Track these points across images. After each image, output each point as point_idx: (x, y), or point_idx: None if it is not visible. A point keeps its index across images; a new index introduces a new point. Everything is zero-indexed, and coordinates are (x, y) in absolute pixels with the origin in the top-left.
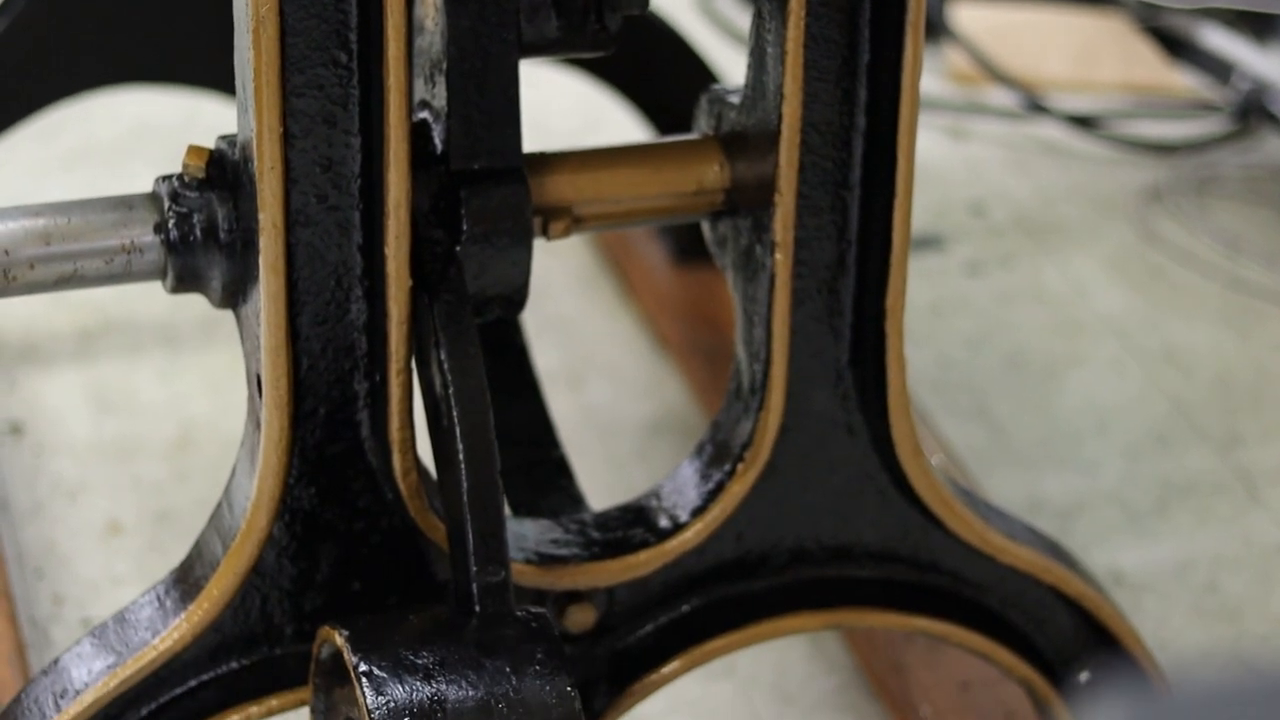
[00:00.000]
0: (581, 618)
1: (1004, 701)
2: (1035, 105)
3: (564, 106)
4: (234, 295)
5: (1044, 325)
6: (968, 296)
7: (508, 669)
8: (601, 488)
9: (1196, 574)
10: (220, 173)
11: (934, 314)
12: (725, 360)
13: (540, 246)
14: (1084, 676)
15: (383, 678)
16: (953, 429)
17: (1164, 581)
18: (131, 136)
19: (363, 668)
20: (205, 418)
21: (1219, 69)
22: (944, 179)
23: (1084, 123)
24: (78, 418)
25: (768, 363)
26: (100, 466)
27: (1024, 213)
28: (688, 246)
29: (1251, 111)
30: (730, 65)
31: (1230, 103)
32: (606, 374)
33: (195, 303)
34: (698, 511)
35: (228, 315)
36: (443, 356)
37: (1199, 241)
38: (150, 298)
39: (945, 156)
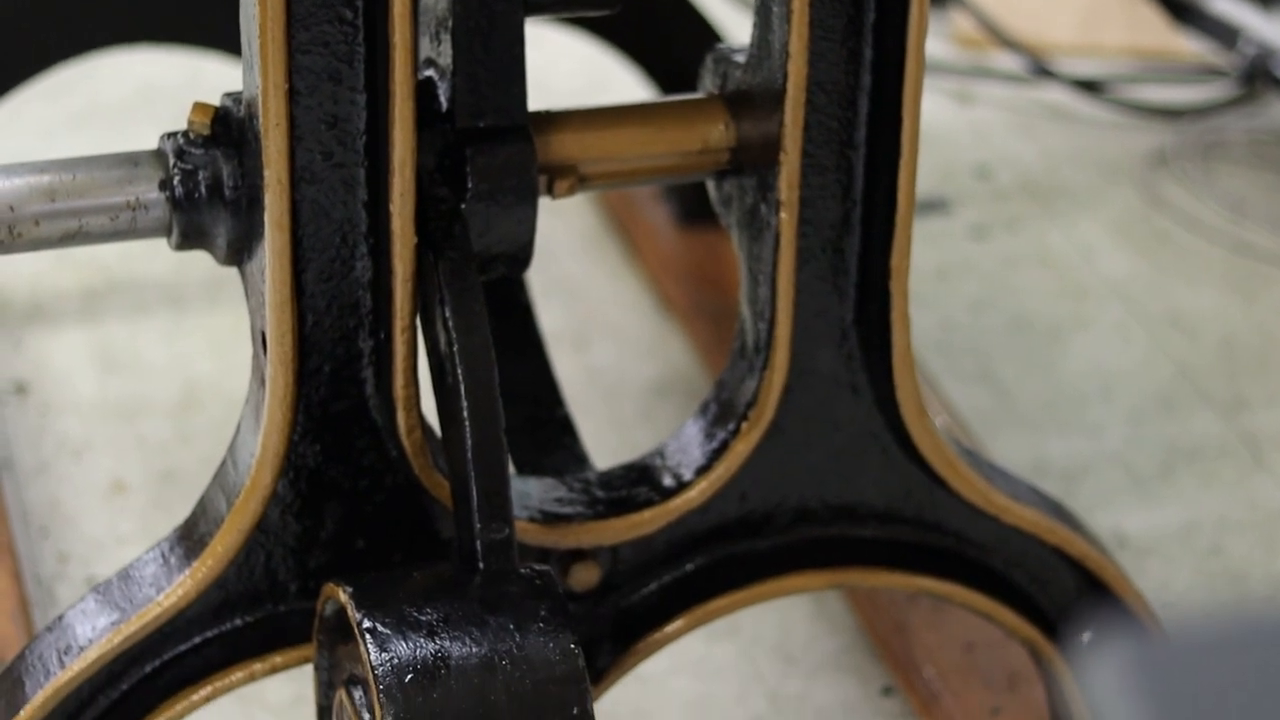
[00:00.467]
0: (585, 576)
1: (1007, 663)
2: (1041, 69)
3: (568, 68)
4: (239, 252)
5: (1049, 289)
6: (973, 260)
7: (511, 626)
8: (605, 448)
9: (1201, 537)
10: (225, 129)
11: (939, 277)
12: (729, 322)
13: (544, 208)
14: (1087, 637)
15: (386, 634)
16: (957, 392)
17: (1168, 545)
18: (137, 96)
19: (367, 624)
20: (210, 377)
21: (1225, 33)
22: (949, 143)
23: (1089, 87)
24: (83, 377)
25: (772, 322)
26: (105, 426)
27: (1029, 177)
28: (692, 208)
29: (1257, 76)
30: (734, 26)
31: (1236, 67)
32: (611, 335)
33: (200, 263)
34: (702, 470)
35: (232, 276)
36: (447, 314)
37: (1204, 206)
38: (155, 258)
39: (950, 120)
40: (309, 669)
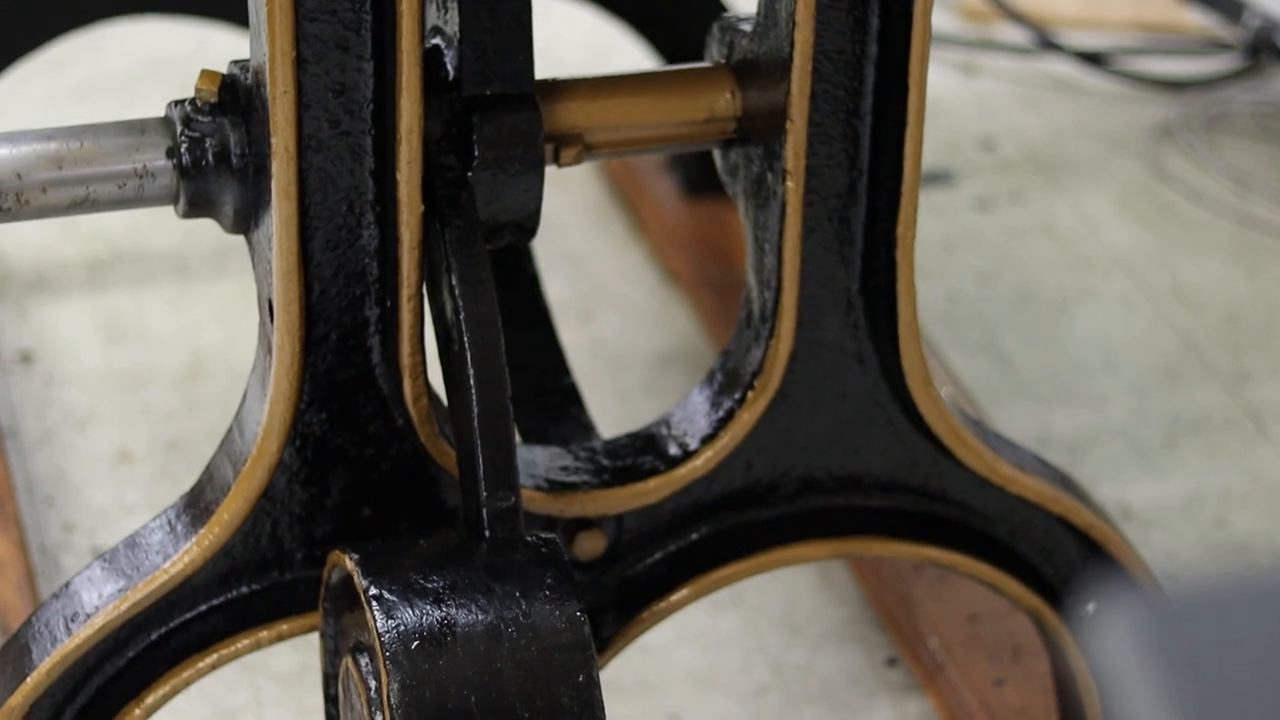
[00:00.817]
0: (591, 545)
1: (1011, 634)
2: (1046, 42)
3: (574, 40)
4: (246, 220)
5: (1053, 261)
6: (978, 232)
7: (517, 593)
8: (610, 419)
9: (1205, 509)
10: (233, 97)
11: (944, 249)
12: (734, 293)
13: (550, 180)
14: (1091, 607)
15: (393, 601)
16: (962, 363)
17: (1172, 516)
18: (142, 67)
19: (373, 591)
20: (216, 348)
21: (1229, 6)
22: (954, 115)
23: (1094, 60)
24: (88, 347)
25: (778, 290)
26: (110, 396)
27: (1034, 149)
28: (697, 180)
29: (1262, 49)
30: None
31: (1241, 40)
32: (616, 307)
33: (205, 234)
34: (707, 439)
35: (238, 247)
36: (454, 282)
37: (1209, 178)
38: (161, 228)
39: (956, 92)
40: (314, 638)
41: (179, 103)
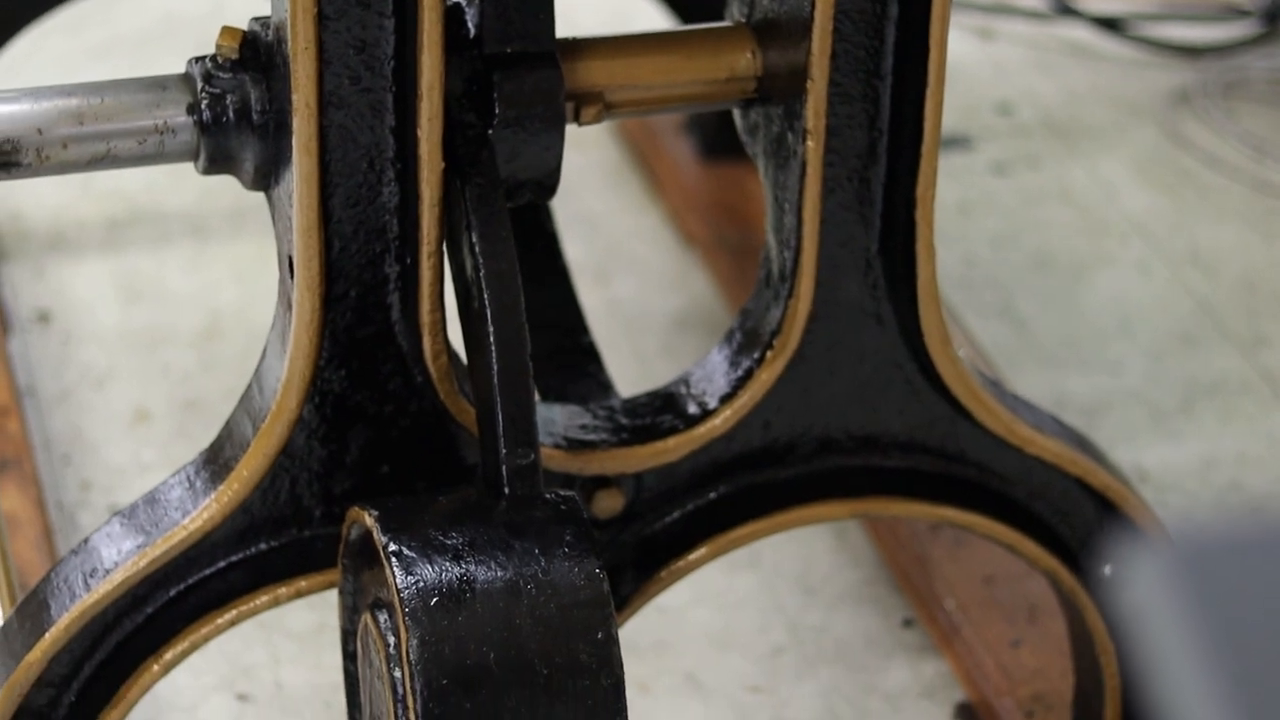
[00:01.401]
0: (609, 503)
1: (1028, 595)
2: (1063, 7)
3: (593, 1)
4: (266, 177)
5: (1070, 225)
6: (994, 196)
7: (536, 550)
8: (627, 381)
9: (1220, 473)
10: (253, 54)
11: (961, 213)
12: (751, 255)
13: (567, 143)
14: (1108, 569)
15: (412, 558)
16: (979, 327)
17: (1188, 480)
18: (158, 27)
19: (392, 547)
20: (233, 307)
21: None
22: (971, 79)
23: (1111, 25)
24: (106, 306)
25: (798, 250)
26: (128, 355)
27: (1051, 114)
28: (714, 143)
29: (1279, 16)
30: None
31: (1258, 6)
32: (633, 269)
33: (223, 194)
34: (726, 398)
35: (255, 208)
36: (474, 239)
37: (1225, 144)
38: (178, 188)
39: (973, 57)
40: (332, 596)
41: (200, 59)
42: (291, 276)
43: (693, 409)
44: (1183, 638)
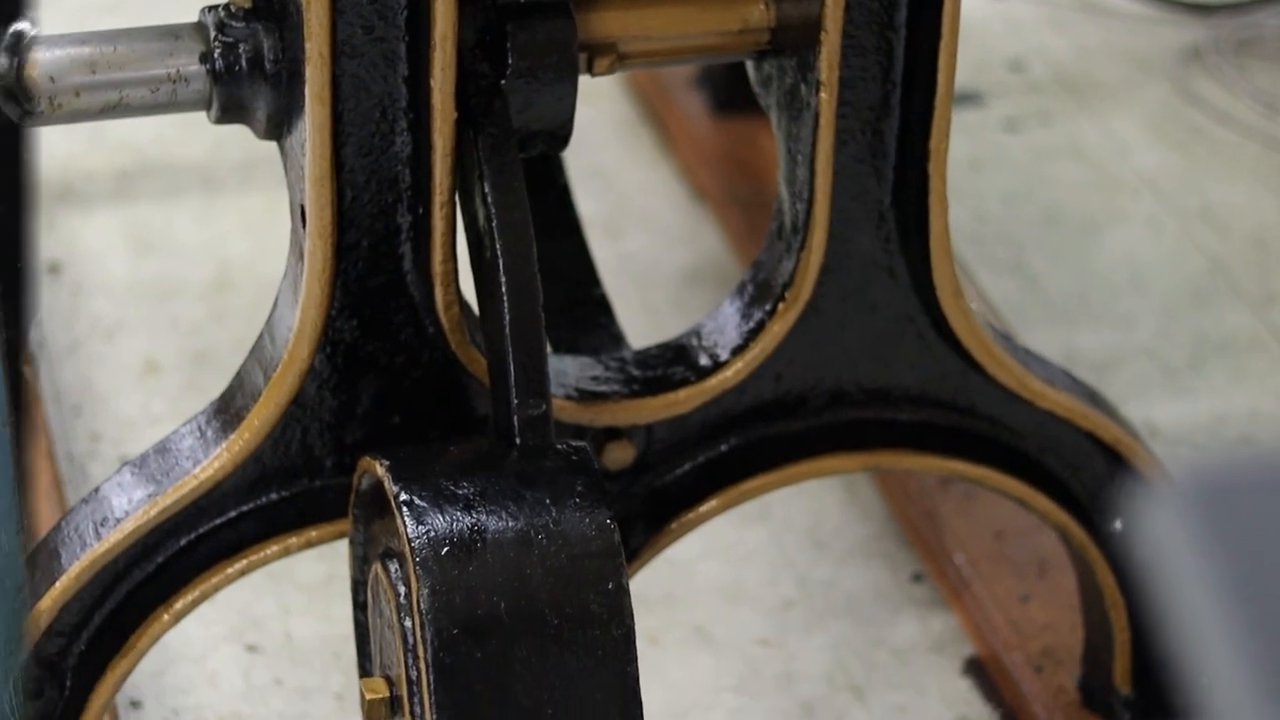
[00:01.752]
0: (620, 455)
1: (1037, 550)
2: None
3: None
4: (279, 126)
5: (1082, 182)
6: (1006, 152)
7: (547, 500)
8: (638, 335)
9: (1230, 429)
10: (267, 3)
11: (972, 169)
12: (762, 210)
13: (579, 96)
14: (1118, 525)
15: (423, 507)
16: (990, 282)
17: (1198, 436)
18: None
19: (403, 497)
20: (243, 259)
21: None
22: (984, 35)
23: None
24: (115, 258)
25: (810, 202)
26: (138, 306)
27: (1063, 70)
28: (726, 98)
29: None
30: None
31: None
32: (644, 224)
33: (233, 146)
34: (738, 350)
35: (265, 160)
36: (486, 189)
37: (1237, 101)
38: (188, 140)
39: (984, 13)
40: (341, 547)
41: (213, 8)
42: (304, 226)
43: (704, 361)
44: (1198, 577)
